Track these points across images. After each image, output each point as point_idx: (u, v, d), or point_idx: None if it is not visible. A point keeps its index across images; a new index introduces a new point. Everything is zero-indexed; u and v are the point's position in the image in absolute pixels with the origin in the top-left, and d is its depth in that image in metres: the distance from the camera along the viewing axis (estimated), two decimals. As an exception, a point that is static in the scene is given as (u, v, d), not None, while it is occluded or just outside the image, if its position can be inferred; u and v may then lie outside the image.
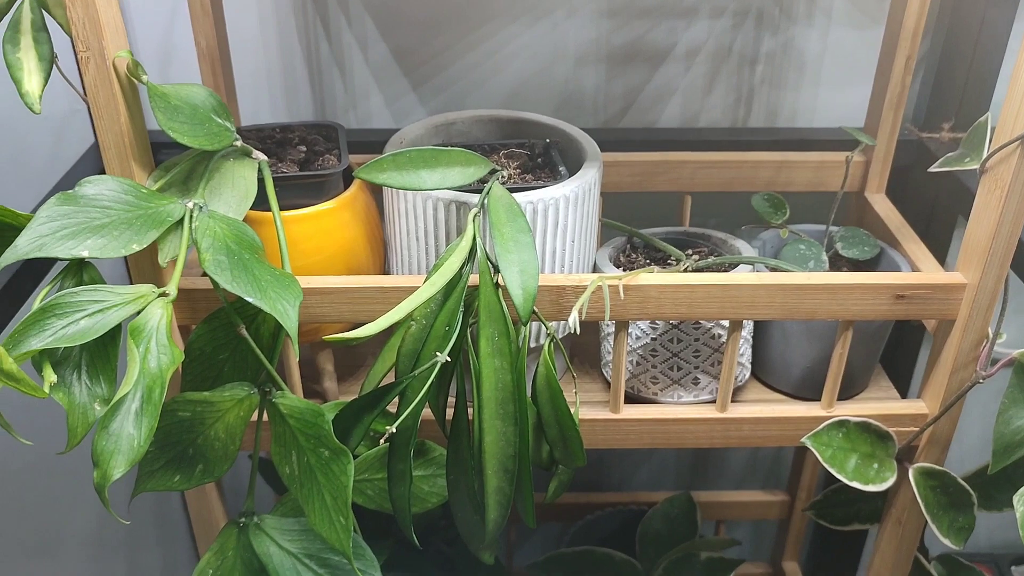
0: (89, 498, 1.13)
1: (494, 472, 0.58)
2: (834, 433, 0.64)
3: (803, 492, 0.95)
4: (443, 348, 0.55)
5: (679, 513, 0.91)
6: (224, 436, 0.57)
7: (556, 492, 0.67)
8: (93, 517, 1.14)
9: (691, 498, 0.92)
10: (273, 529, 0.61)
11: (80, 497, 1.12)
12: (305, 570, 0.60)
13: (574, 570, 0.84)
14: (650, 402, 0.67)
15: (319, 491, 0.55)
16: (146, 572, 1.19)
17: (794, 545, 0.99)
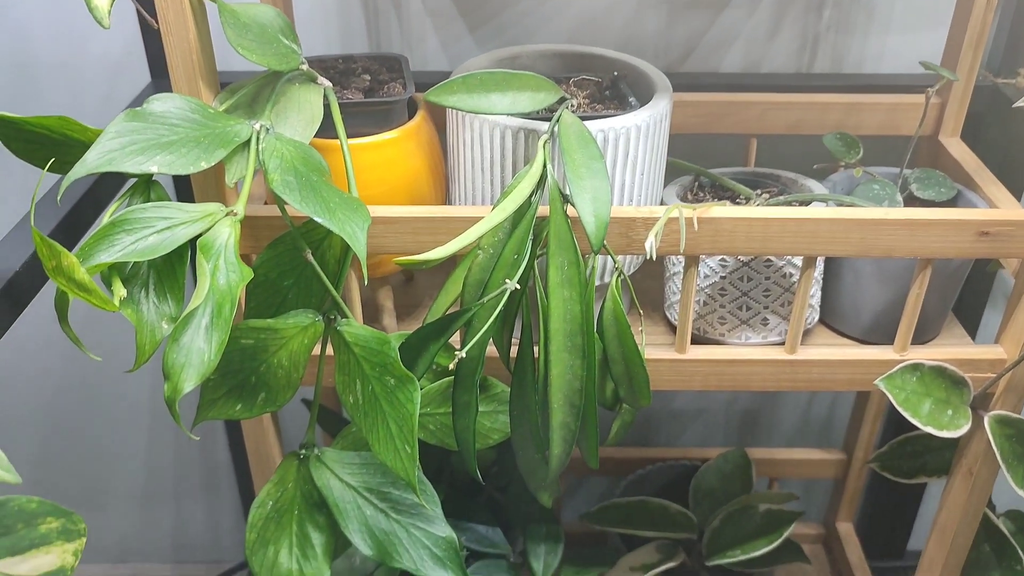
0: (135, 452, 1.14)
1: (560, 406, 0.57)
2: (908, 377, 0.62)
3: (860, 451, 0.93)
4: (511, 277, 0.54)
5: (733, 469, 0.89)
6: (287, 364, 0.56)
7: (619, 433, 0.66)
8: (139, 470, 1.15)
9: (745, 454, 0.90)
10: (334, 462, 0.60)
11: (126, 451, 1.13)
12: (366, 504, 0.60)
13: (627, 519, 0.83)
14: (716, 343, 0.65)
15: (384, 420, 0.55)
16: (192, 524, 1.20)
17: (849, 506, 0.97)
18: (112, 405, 1.09)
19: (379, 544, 0.59)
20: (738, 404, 1.07)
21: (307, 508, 0.60)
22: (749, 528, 0.80)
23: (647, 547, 0.83)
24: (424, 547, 0.60)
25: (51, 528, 0.38)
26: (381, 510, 0.60)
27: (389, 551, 0.59)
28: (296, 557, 0.60)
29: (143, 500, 1.18)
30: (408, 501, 0.60)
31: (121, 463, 1.14)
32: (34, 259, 0.58)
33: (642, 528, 0.82)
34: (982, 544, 0.74)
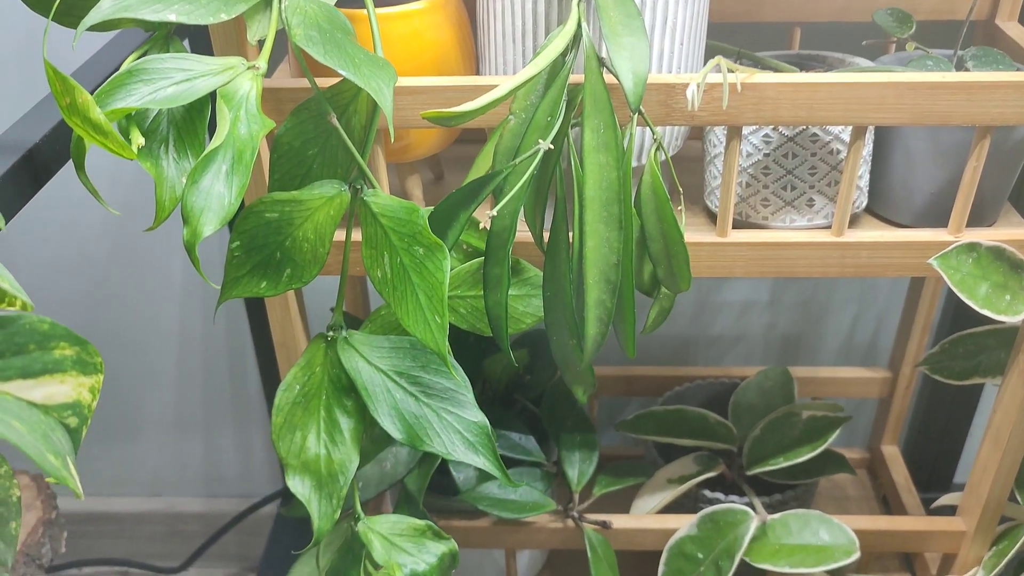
0: (166, 382, 1.14)
1: (595, 282, 0.55)
2: (964, 257, 0.59)
3: (906, 368, 0.90)
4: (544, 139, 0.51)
5: (774, 385, 0.86)
6: (313, 237, 0.54)
7: (657, 321, 0.63)
8: (170, 400, 1.14)
9: (787, 371, 0.87)
10: (362, 345, 0.58)
11: (156, 381, 1.12)
12: (396, 387, 0.58)
13: (665, 428, 0.80)
14: (759, 228, 0.63)
15: (413, 292, 0.53)
16: (223, 454, 1.19)
17: (894, 428, 0.94)
18: (140, 332, 1.08)
19: (409, 428, 0.57)
20: (778, 328, 1.04)
21: (335, 392, 0.58)
22: (792, 436, 0.77)
23: (684, 459, 0.80)
24: (456, 431, 0.58)
25: (65, 355, 0.36)
26: (411, 394, 0.58)
27: (419, 435, 0.57)
28: (324, 442, 0.58)
29: (174, 431, 1.17)
30: (439, 385, 0.58)
31: (151, 392, 1.14)
32: (55, 132, 0.56)
33: (679, 437, 0.79)
34: (1038, 449, 0.71)
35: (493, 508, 0.72)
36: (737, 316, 1.04)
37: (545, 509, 0.74)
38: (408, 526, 0.60)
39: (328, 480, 0.58)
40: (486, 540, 0.77)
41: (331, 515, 0.57)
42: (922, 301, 0.85)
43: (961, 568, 0.76)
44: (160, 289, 1.05)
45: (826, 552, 0.70)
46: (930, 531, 0.75)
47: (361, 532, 0.59)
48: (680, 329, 1.05)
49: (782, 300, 1.02)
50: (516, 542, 0.77)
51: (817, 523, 0.72)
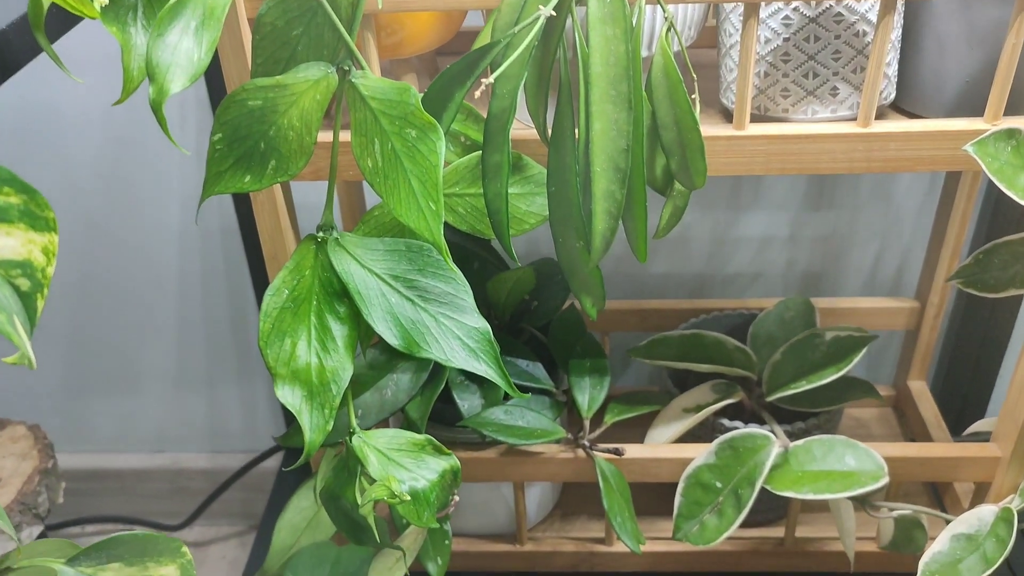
0: (166, 334, 1.11)
1: (603, 170, 0.51)
2: (1002, 145, 0.54)
3: (935, 296, 0.85)
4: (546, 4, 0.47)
5: (795, 316, 0.82)
6: (299, 125, 0.51)
7: (670, 221, 0.59)
8: (172, 353, 1.11)
9: (808, 301, 0.83)
10: (355, 247, 0.54)
11: (157, 334, 1.09)
12: (391, 291, 0.54)
13: (681, 354, 0.76)
14: (780, 121, 0.58)
15: (406, 179, 0.49)
16: (227, 408, 1.16)
17: (922, 362, 0.90)
18: (137, 280, 1.05)
19: (405, 333, 0.53)
20: (799, 265, 1.00)
21: (326, 298, 0.55)
22: (814, 359, 0.73)
23: (701, 387, 0.76)
24: (455, 337, 0.54)
25: (10, 203, 0.32)
26: (407, 298, 0.54)
27: (416, 341, 0.53)
28: (315, 350, 0.55)
29: (177, 385, 1.14)
30: (437, 289, 0.54)
31: (151, 345, 1.11)
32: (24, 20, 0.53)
33: (696, 362, 0.75)
34: (1079, 366, 0.67)
35: (498, 434, 0.68)
36: (756, 252, 1.00)
37: (554, 436, 0.70)
38: (407, 440, 0.57)
39: (320, 390, 0.54)
40: (492, 472, 0.73)
41: (323, 427, 0.54)
42: (951, 224, 0.81)
43: (996, 497, 0.71)
44: (156, 233, 1.02)
45: (852, 477, 0.66)
46: (962, 457, 0.71)
47: (356, 447, 0.56)
48: (697, 267, 1.00)
49: (802, 235, 0.98)
50: (524, 474, 0.73)
51: (843, 448, 0.68)
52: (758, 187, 0.95)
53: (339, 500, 0.58)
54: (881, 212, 0.96)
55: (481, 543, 0.80)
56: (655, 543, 0.79)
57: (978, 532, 0.67)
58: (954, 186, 0.79)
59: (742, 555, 0.79)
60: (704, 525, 0.69)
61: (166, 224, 1.01)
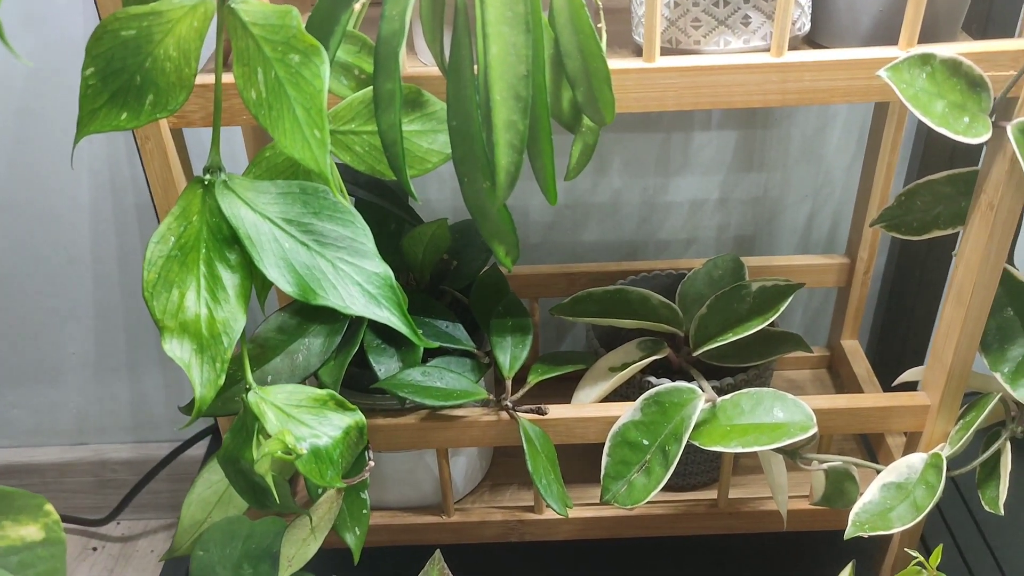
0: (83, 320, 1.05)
1: (503, 99, 0.48)
2: (916, 72, 0.53)
3: (864, 252, 0.84)
4: (434, -82, 0.45)
5: (724, 274, 0.80)
6: (176, 55, 0.47)
7: (581, 160, 0.57)
8: (90, 338, 1.06)
9: (737, 258, 0.81)
10: (246, 190, 0.51)
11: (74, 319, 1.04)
12: (285, 236, 0.51)
13: (604, 309, 0.74)
14: (692, 53, 0.56)
15: (290, 108, 0.46)
16: (149, 395, 1.12)
17: (854, 319, 0.88)
18: (49, 263, 1.00)
19: (300, 280, 0.50)
20: (731, 229, 0.98)
21: (216, 245, 0.51)
22: (740, 310, 0.71)
23: (627, 345, 0.74)
24: (354, 283, 0.51)
25: None
26: (302, 243, 0.51)
27: (312, 287, 0.50)
28: (205, 300, 0.51)
29: (96, 373, 1.10)
30: (334, 233, 0.51)
31: (68, 332, 1.06)
32: None
33: (620, 318, 0.73)
34: (1004, 309, 0.66)
35: (415, 395, 0.65)
36: (687, 217, 0.98)
37: (475, 397, 0.67)
38: (308, 396, 0.54)
39: (211, 342, 0.51)
40: (413, 439, 0.70)
41: (215, 381, 0.50)
42: (877, 176, 0.79)
43: (927, 446, 0.70)
44: (67, 212, 0.97)
45: (781, 429, 0.65)
46: (892, 407, 0.69)
47: (252, 403, 0.52)
48: (629, 234, 0.99)
49: (733, 197, 0.96)
50: (446, 440, 0.70)
51: (771, 400, 0.66)
52: (687, 149, 0.93)
53: (238, 462, 0.55)
54: (811, 172, 0.95)
55: (405, 515, 0.77)
56: (586, 509, 0.77)
57: (908, 480, 0.66)
58: (878, 138, 0.78)
59: (676, 518, 0.77)
60: (632, 485, 0.67)
61: (77, 201, 0.97)
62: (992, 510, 0.66)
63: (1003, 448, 0.68)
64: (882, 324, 0.98)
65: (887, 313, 0.97)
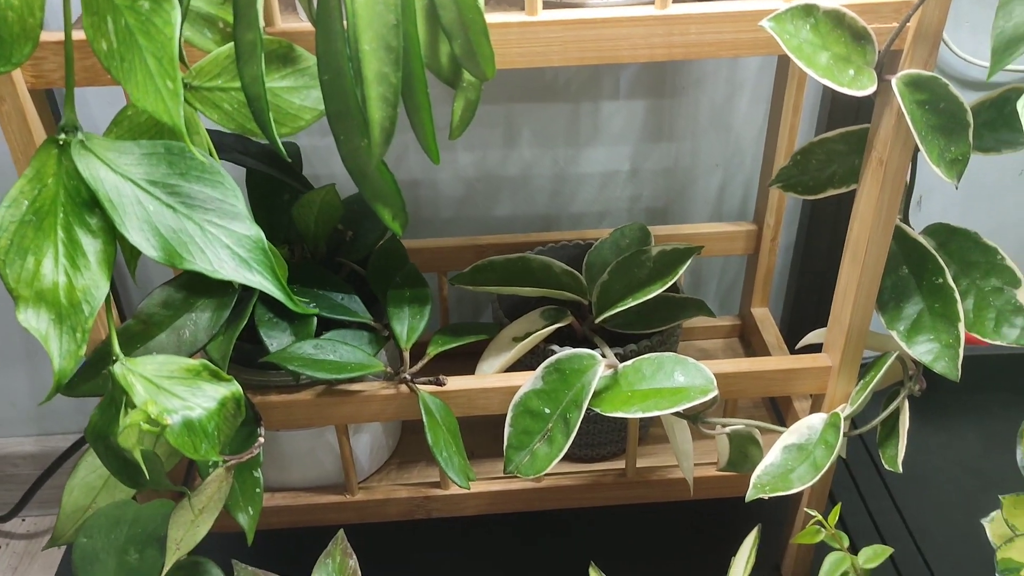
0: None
1: (372, 50, 0.46)
2: (800, 23, 0.52)
3: (771, 217, 0.84)
4: None
5: (631, 243, 0.79)
6: (18, 4, 0.44)
7: (464, 117, 0.55)
8: (-12, 328, 1.02)
9: (645, 227, 0.80)
10: (106, 151, 0.48)
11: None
12: (149, 199, 0.48)
13: (506, 278, 0.72)
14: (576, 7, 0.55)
15: (141, 58, 0.43)
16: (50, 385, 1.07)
17: (763, 286, 0.89)
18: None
19: (166, 244, 0.48)
20: (643, 200, 0.98)
21: (75, 209, 0.48)
22: (641, 275, 0.70)
23: (530, 315, 0.73)
24: (224, 246, 0.49)
25: None
26: (168, 205, 0.48)
27: (179, 251, 0.48)
28: (64, 268, 0.48)
29: (-7, 363, 1.05)
30: (202, 195, 0.49)
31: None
32: None
33: (522, 286, 0.71)
34: (900, 267, 0.66)
35: (306, 368, 0.63)
36: (599, 189, 0.97)
37: (370, 370, 0.65)
38: (179, 367, 0.51)
39: (70, 311, 0.48)
40: (310, 416, 0.68)
41: (75, 352, 0.47)
42: (780, 140, 0.79)
43: (830, 407, 0.70)
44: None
45: (681, 393, 0.64)
46: (794, 369, 0.69)
47: (119, 375, 0.50)
48: (540, 207, 0.97)
49: (644, 168, 0.96)
50: (344, 415, 0.68)
51: (672, 365, 0.65)
52: (596, 119, 0.92)
53: (107, 439, 0.52)
54: (721, 141, 0.95)
55: (307, 496, 0.75)
56: (494, 483, 0.75)
57: (808, 441, 0.66)
58: (780, 100, 0.78)
59: (585, 489, 0.76)
60: (535, 455, 0.66)
61: (-38, 182, 0.92)
62: (891, 468, 0.66)
63: (901, 407, 0.68)
64: (796, 292, 0.98)
65: (800, 281, 0.97)
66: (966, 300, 0.65)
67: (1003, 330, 0.63)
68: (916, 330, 0.65)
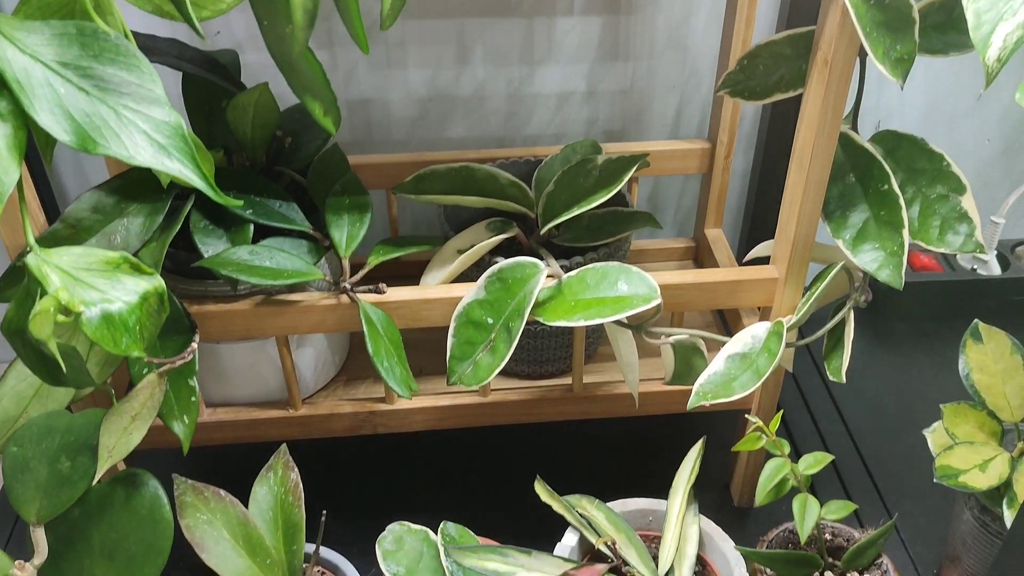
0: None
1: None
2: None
3: (724, 134, 0.83)
4: None
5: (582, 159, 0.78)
6: None
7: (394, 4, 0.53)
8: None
9: (595, 143, 0.79)
10: (14, 31, 0.46)
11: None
12: (61, 81, 0.46)
13: (449, 187, 0.71)
14: None
15: (42, -77, 0.41)
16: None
17: (717, 207, 0.88)
18: None
19: (78, 128, 0.46)
20: (600, 122, 0.96)
21: (-18, 94, 0.46)
22: (587, 184, 0.69)
23: (475, 227, 0.72)
24: (140, 131, 0.47)
25: None
26: (80, 88, 0.46)
27: (92, 136, 0.46)
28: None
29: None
30: (117, 78, 0.47)
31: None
32: None
33: (466, 195, 0.70)
34: (846, 175, 0.65)
35: (240, 273, 0.61)
36: (554, 110, 0.95)
37: (308, 277, 0.64)
38: (98, 259, 0.49)
39: (-22, 200, 0.46)
40: (248, 326, 0.67)
41: (-15, 240, 0.46)
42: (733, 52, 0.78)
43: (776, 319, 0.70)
44: None
45: (624, 301, 0.63)
46: (740, 280, 0.68)
47: (33, 266, 0.48)
48: (494, 128, 0.96)
49: (600, 89, 0.94)
50: (284, 326, 0.67)
51: (616, 274, 0.65)
52: (551, 37, 0.90)
53: (23, 332, 0.50)
54: (678, 61, 0.93)
55: (249, 411, 0.74)
56: (440, 398, 0.75)
57: (752, 350, 0.65)
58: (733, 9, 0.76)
59: (530, 404, 0.75)
60: (477, 364, 0.65)
61: None
62: (835, 379, 0.66)
63: (847, 317, 0.67)
64: (752, 218, 0.98)
65: (756, 207, 0.97)
66: (911, 208, 0.64)
67: (947, 237, 0.63)
68: (861, 238, 0.64)
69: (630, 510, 0.69)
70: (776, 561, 0.66)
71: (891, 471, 0.85)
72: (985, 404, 0.66)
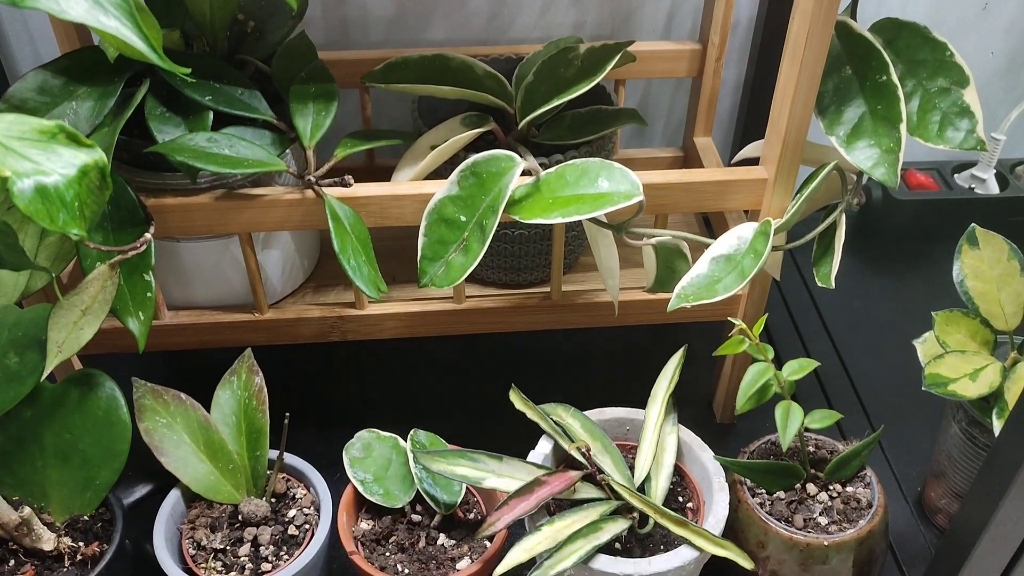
0: None
1: None
2: None
3: (716, 35, 0.79)
4: None
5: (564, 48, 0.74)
6: None
7: None
8: None
9: (579, 39, 0.74)
10: None
11: None
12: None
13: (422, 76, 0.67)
14: None
15: None
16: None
17: (707, 113, 0.84)
18: None
19: (5, -21, 0.42)
20: (588, 27, 0.91)
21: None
22: (568, 75, 0.65)
23: (450, 122, 0.68)
24: (73, -15, 0.43)
25: None
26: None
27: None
28: None
29: None
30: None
31: None
32: None
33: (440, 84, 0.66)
34: (843, 67, 0.61)
35: (195, 160, 0.58)
36: (539, 14, 0.90)
37: (269, 167, 0.60)
38: (32, 128, 0.46)
39: None
40: (209, 220, 0.63)
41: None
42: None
43: (763, 223, 0.67)
44: None
45: (604, 198, 0.60)
46: (728, 181, 0.65)
47: (-41, 133, 0.44)
48: (476, 32, 0.91)
49: (586, -10, 0.89)
50: (247, 222, 0.64)
51: (597, 170, 0.61)
52: (534, -69, 0.86)
53: (-46, 209, 0.47)
54: (670, -38, 0.89)
55: (213, 314, 0.71)
56: (412, 303, 0.72)
57: (737, 251, 0.62)
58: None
59: (507, 312, 0.72)
60: (450, 265, 0.61)
61: None
62: (824, 285, 0.63)
63: (838, 221, 0.64)
64: (744, 127, 0.94)
65: (749, 115, 0.93)
66: (911, 102, 0.61)
67: (947, 133, 0.60)
68: (856, 135, 0.61)
69: (607, 419, 0.67)
70: (757, 472, 0.63)
71: (877, 388, 0.83)
72: (979, 312, 0.63)
